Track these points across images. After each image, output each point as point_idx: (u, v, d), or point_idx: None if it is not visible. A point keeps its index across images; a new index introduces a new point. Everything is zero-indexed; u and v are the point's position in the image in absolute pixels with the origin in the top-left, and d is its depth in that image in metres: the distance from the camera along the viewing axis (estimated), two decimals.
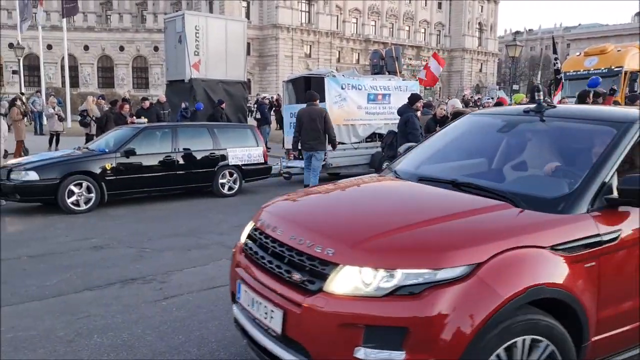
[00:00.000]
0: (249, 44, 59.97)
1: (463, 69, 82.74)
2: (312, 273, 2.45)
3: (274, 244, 2.75)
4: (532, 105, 3.46)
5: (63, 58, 31.21)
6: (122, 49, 62.09)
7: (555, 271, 2.45)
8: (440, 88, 76.10)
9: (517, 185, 3.13)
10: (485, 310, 2.21)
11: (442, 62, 16.90)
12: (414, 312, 2.22)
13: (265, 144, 12.03)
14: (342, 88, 11.72)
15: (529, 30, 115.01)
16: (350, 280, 2.33)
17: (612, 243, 2.64)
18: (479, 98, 28.65)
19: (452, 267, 2.26)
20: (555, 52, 17.21)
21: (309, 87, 12.05)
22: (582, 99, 10.45)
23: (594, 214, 2.67)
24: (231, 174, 10.13)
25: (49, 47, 52.94)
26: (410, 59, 74.70)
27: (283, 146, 13.08)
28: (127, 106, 12.65)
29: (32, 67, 51.47)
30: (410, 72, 71.35)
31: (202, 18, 16.92)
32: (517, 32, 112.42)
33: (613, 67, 17.49)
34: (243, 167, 10.25)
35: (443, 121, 8.64)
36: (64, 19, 29.38)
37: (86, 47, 60.66)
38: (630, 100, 10.94)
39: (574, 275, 2.48)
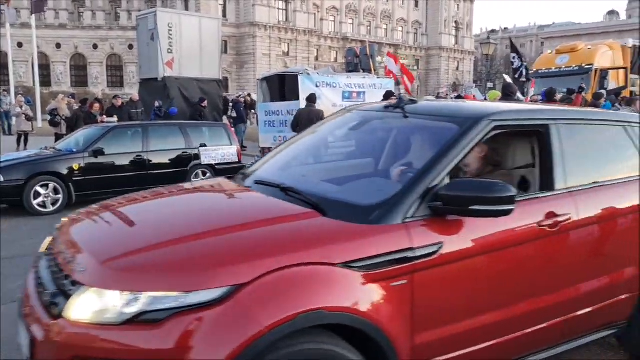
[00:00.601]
0: (225, 42, 59.74)
1: (440, 67, 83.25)
2: (63, 294, 2.10)
3: (51, 258, 2.42)
4: (393, 102, 3.19)
5: (34, 56, 30.56)
6: (95, 47, 61.09)
7: (345, 292, 2.10)
8: (418, 86, 76.56)
9: (343, 191, 2.78)
10: (236, 340, 1.87)
11: (396, 59, 16.92)
12: (151, 343, 1.88)
13: (242, 143, 11.94)
14: (317, 86, 11.68)
15: (505, 28, 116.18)
16: (92, 304, 1.98)
17: (430, 258, 2.30)
18: (458, 96, 28.77)
19: (207, 289, 1.92)
20: (514, 50, 17.33)
21: (283, 86, 12.00)
22: (549, 96, 10.61)
23: (411, 224, 2.31)
24: (204, 174, 9.99)
25: (20, 45, 51.80)
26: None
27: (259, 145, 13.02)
28: (97, 105, 12.43)
29: (1, 66, 50.36)
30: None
31: (175, 15, 16.74)
32: (492, 31, 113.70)
33: (584, 65, 17.74)
34: (216, 167, 10.13)
35: None
36: (33, 16, 28.80)
37: (58, 45, 59.49)
38: (595, 98, 11.14)
39: (372, 296, 2.15)
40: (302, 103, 11.12)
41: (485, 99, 14.52)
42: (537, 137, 2.93)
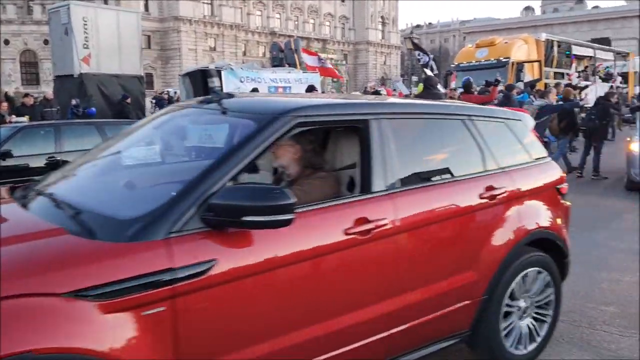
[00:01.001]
0: (148, 37, 57.87)
1: (368, 61, 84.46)
2: None
3: None
4: (209, 96, 2.88)
5: None
6: (7, 42, 57.44)
7: (69, 328, 1.76)
8: (347, 81, 77.30)
9: (105, 202, 2.41)
10: None
11: (313, 54, 16.98)
12: None
13: None
14: (241, 81, 11.49)
15: (429, 24, 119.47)
16: None
17: (197, 279, 1.98)
18: (376, 91, 29.28)
19: None
20: (417, 48, 17.64)
21: (206, 81, 11.69)
22: (466, 88, 10.97)
23: (174, 240, 1.98)
24: None
25: None
26: (317, 52, 75.14)
27: None
28: (4, 104, 11.63)
29: None
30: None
31: (90, 9, 15.88)
32: (417, 26, 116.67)
33: (501, 58, 18.49)
34: None
35: None
36: None
37: None
38: (508, 90, 11.63)
39: (112, 329, 1.82)
40: None
41: (410, 93, 14.81)
42: (357, 134, 2.67)
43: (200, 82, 12.12)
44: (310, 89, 9.18)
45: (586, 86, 19.88)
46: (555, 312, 3.44)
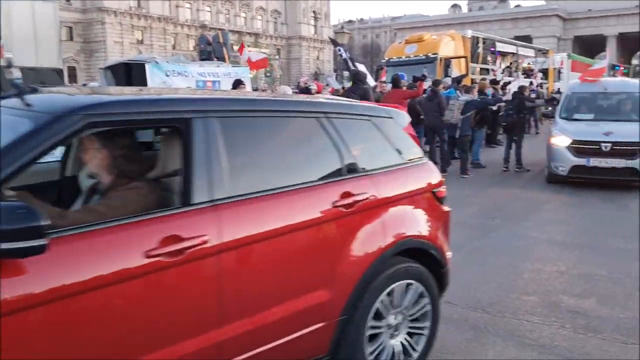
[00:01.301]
0: (70, 28, 55.18)
1: (301, 56, 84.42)
2: None
3: None
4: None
5: None
6: None
7: None
8: (280, 75, 77.02)
9: None
10: None
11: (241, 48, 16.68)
12: None
13: None
14: (167, 75, 11.08)
15: (361, 19, 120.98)
16: None
17: None
18: (238, 81, 29.16)
19: None
20: (335, 45, 17.59)
21: (129, 75, 11.20)
22: (395, 83, 11.10)
23: None
24: None
25: None
26: (249, 46, 74.34)
27: None
28: None
29: None
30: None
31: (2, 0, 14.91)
32: (349, 21, 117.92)
33: (430, 54, 18.83)
34: None
35: None
36: None
37: None
38: (434, 85, 11.86)
39: None
40: None
41: (343, 88, 14.79)
42: (179, 136, 2.29)
43: (123, 75, 11.60)
44: (237, 83, 8.93)
45: (509, 82, 20.66)
46: (434, 324, 3.16)
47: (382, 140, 3.13)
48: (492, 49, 23.29)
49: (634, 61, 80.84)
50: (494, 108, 12.14)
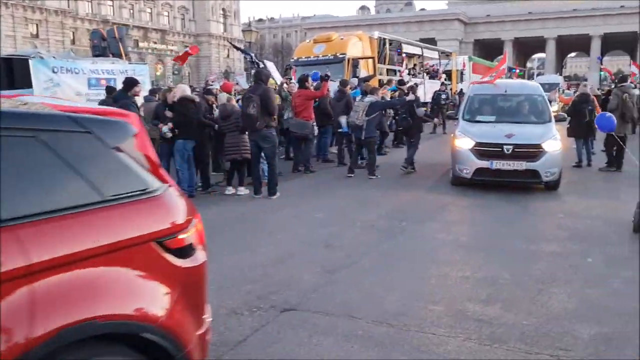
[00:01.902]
0: None
1: (211, 54, 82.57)
2: None
3: None
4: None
5: None
6: None
7: None
8: (189, 73, 75.11)
9: None
10: None
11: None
12: None
13: None
14: (54, 72, 10.13)
15: (271, 18, 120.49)
16: None
17: None
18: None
19: None
20: (237, 49, 17.46)
21: (11, 71, 10.13)
22: (301, 83, 10.88)
23: None
24: None
25: None
26: (155, 43, 71.79)
27: None
28: None
29: None
30: (156, 56, 68.67)
31: None
32: (260, 20, 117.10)
33: (338, 54, 18.78)
34: None
35: (172, 107, 8.28)
36: None
37: None
38: (342, 85, 11.77)
39: None
40: (37, 91, 9.50)
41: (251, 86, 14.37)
42: None
43: (5, 71, 10.49)
44: (129, 82, 8.25)
45: (415, 83, 21.11)
46: None
47: (53, 167, 2.03)
48: (399, 51, 23.78)
49: (529, 64, 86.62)
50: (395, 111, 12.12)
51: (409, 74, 23.04)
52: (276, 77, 14.62)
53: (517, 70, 50.45)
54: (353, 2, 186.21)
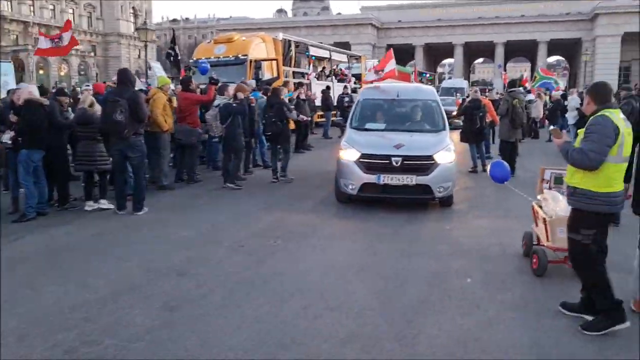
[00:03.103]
0: None
1: (121, 54, 78.98)
2: None
3: None
4: None
5: None
6: None
7: None
8: (97, 74, 71.79)
9: None
10: None
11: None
12: None
13: None
14: None
15: (186, 19, 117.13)
16: None
17: None
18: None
19: None
20: (173, 42, 16.85)
21: None
22: (185, 85, 10.10)
23: None
24: None
25: None
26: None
27: None
28: None
29: None
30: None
31: None
32: (174, 20, 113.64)
33: (240, 56, 17.98)
34: None
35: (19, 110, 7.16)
36: None
37: None
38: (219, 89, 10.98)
39: None
40: None
41: (149, 86, 13.27)
42: None
43: None
44: None
45: (328, 87, 20.72)
46: None
47: None
48: (308, 54, 23.31)
49: (440, 69, 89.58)
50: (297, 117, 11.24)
51: (317, 77, 22.64)
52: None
53: (427, 75, 51.80)
54: (271, 4, 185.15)
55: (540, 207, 5.31)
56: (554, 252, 5.05)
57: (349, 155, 7.80)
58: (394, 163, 7.44)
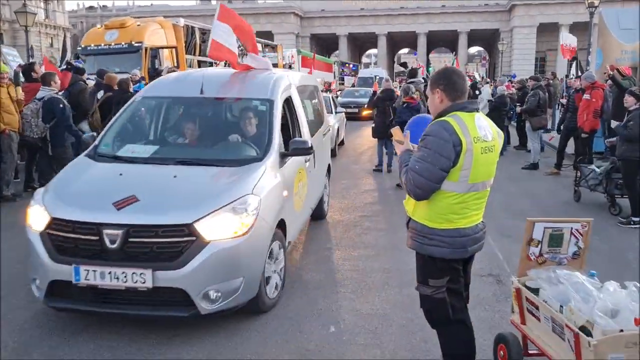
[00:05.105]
0: None
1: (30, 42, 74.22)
2: None
3: None
4: None
5: None
6: None
7: None
8: (5, 63, 66.62)
9: None
10: None
11: None
12: None
13: None
14: None
15: (103, 6, 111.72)
16: None
17: None
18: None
19: None
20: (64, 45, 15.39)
21: None
22: (27, 74, 8.95)
23: None
24: None
25: None
26: None
27: None
28: None
29: None
30: None
31: None
32: (90, 7, 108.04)
33: (133, 43, 16.59)
34: None
35: None
36: None
37: None
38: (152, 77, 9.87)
39: None
40: None
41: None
42: None
43: None
44: None
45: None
46: None
47: None
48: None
49: (365, 59, 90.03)
50: None
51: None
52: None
53: (351, 65, 51.48)
54: None
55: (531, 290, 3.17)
56: None
57: (34, 219, 4.06)
58: (108, 241, 3.70)
